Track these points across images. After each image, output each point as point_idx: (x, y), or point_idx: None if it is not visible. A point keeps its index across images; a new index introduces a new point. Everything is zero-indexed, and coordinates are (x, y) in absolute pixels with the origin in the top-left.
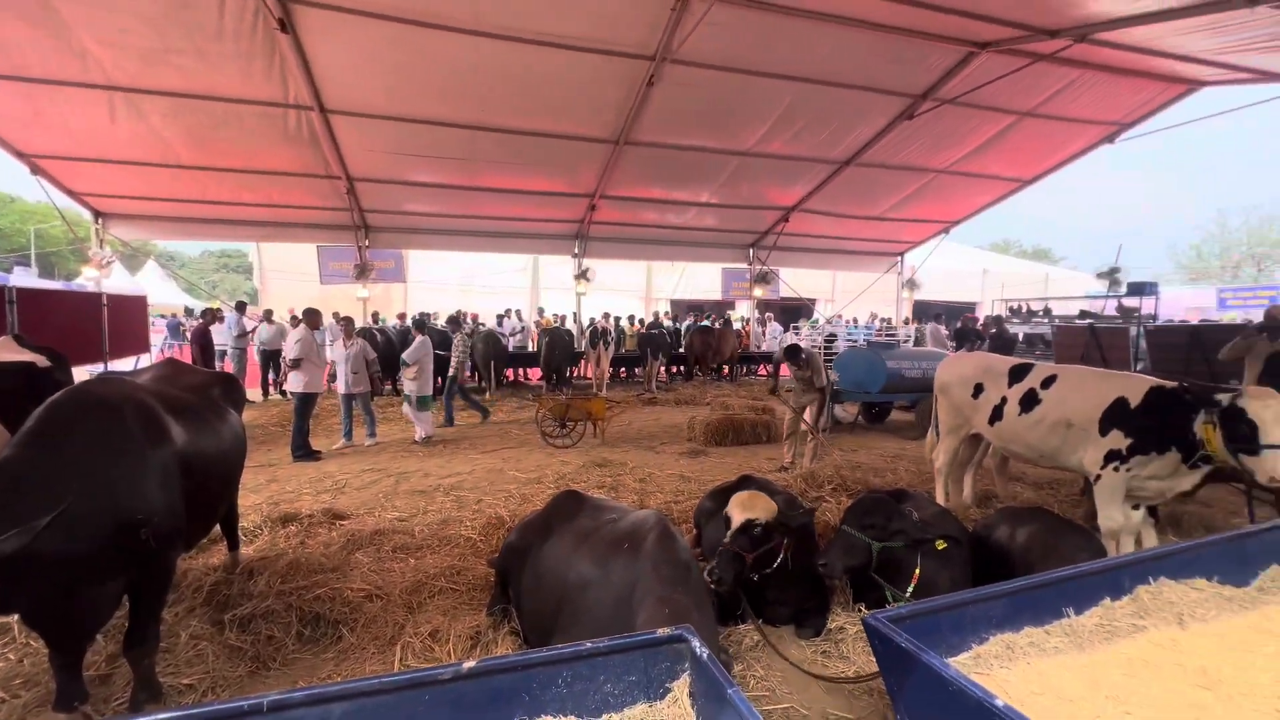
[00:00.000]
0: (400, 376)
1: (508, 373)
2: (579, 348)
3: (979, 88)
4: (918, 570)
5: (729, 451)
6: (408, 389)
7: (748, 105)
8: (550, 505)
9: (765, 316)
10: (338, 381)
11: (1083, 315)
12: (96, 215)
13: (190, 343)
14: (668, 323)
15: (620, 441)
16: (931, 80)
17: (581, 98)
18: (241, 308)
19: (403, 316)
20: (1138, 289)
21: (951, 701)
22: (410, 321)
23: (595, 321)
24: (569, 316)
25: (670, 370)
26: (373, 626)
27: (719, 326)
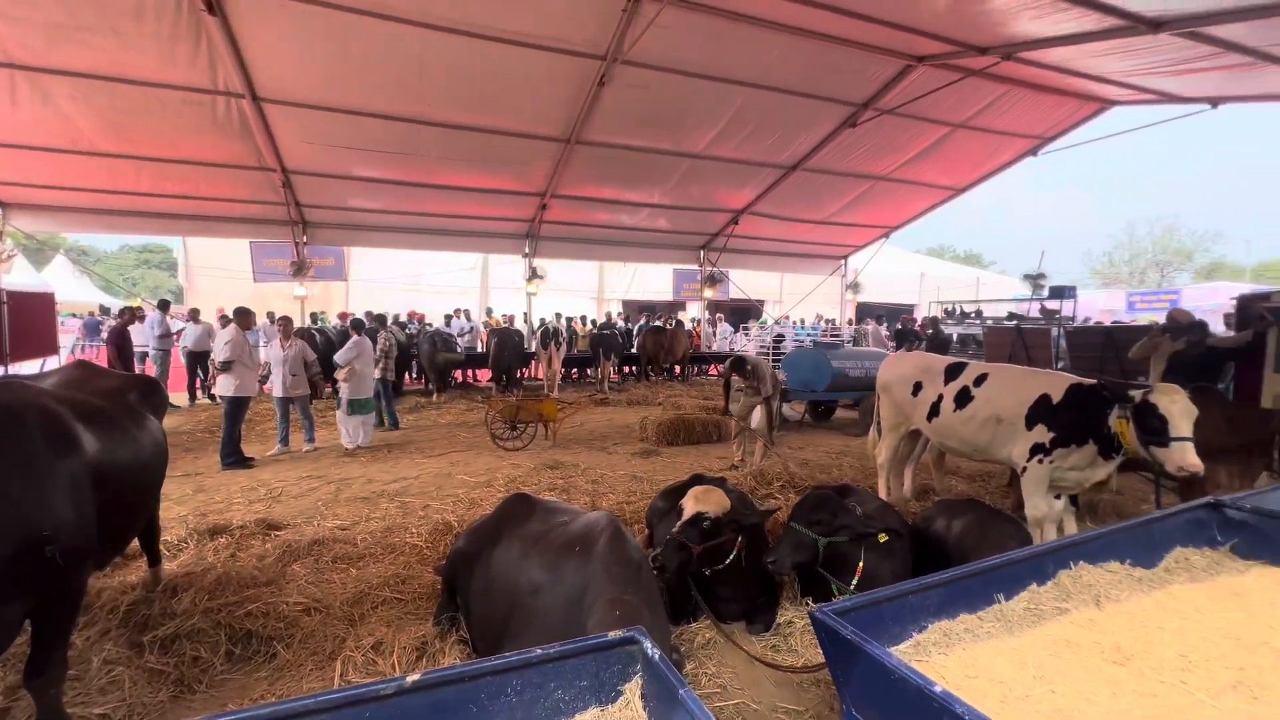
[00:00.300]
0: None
1: (456, 374)
2: (529, 348)
3: (916, 99)
4: (861, 563)
5: (681, 451)
6: (341, 392)
7: (698, 108)
8: (500, 509)
9: (716, 317)
10: (273, 384)
11: (1010, 317)
12: None
13: (106, 344)
14: (620, 323)
15: (572, 443)
16: (872, 90)
17: (531, 95)
18: (165, 306)
19: (344, 316)
20: (1058, 292)
21: (893, 689)
22: (349, 322)
23: (546, 322)
24: (518, 316)
25: (622, 370)
26: (310, 641)
27: (671, 327)
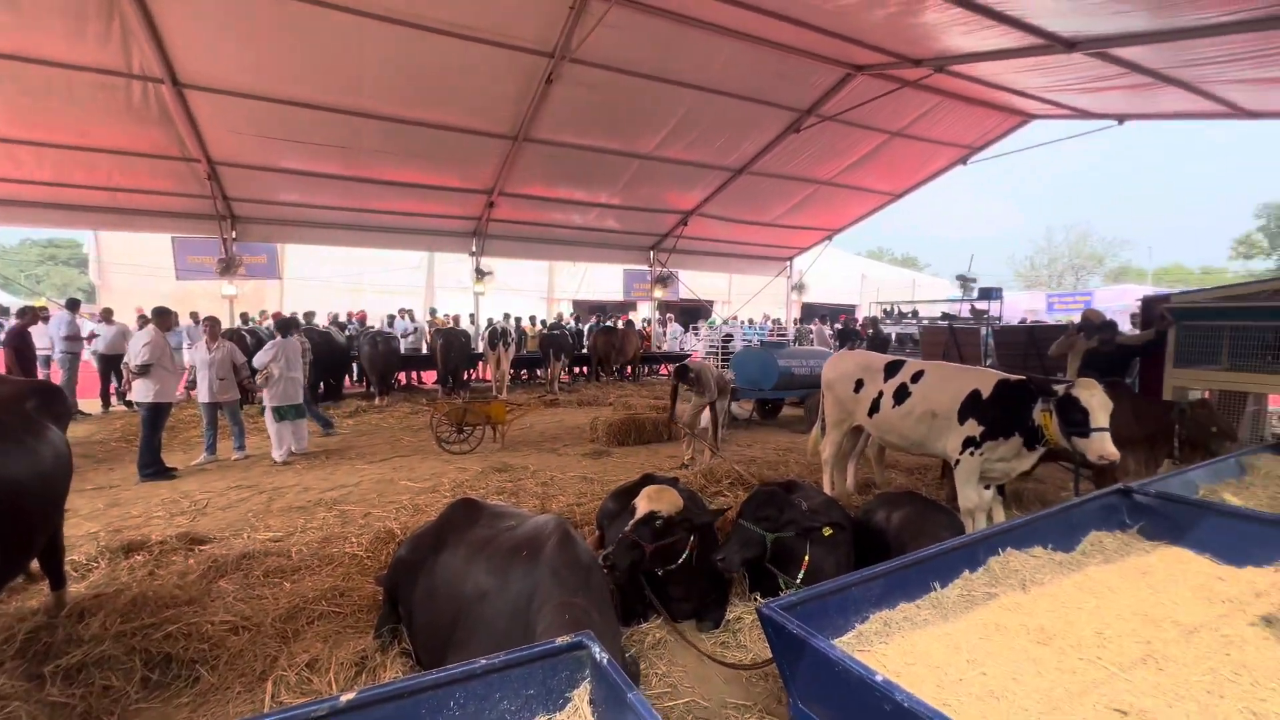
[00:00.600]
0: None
1: (400, 377)
2: (477, 349)
3: (856, 107)
4: (807, 557)
5: (631, 451)
6: (264, 399)
7: (647, 109)
8: (444, 515)
9: (666, 317)
10: (199, 389)
11: (944, 317)
12: None
13: (3, 346)
14: (571, 323)
15: (521, 445)
16: (815, 97)
17: (476, 90)
18: (74, 306)
19: (277, 316)
20: (986, 294)
21: (837, 680)
22: (276, 322)
23: (494, 322)
24: (464, 317)
25: (573, 371)
26: (238, 662)
27: (622, 327)
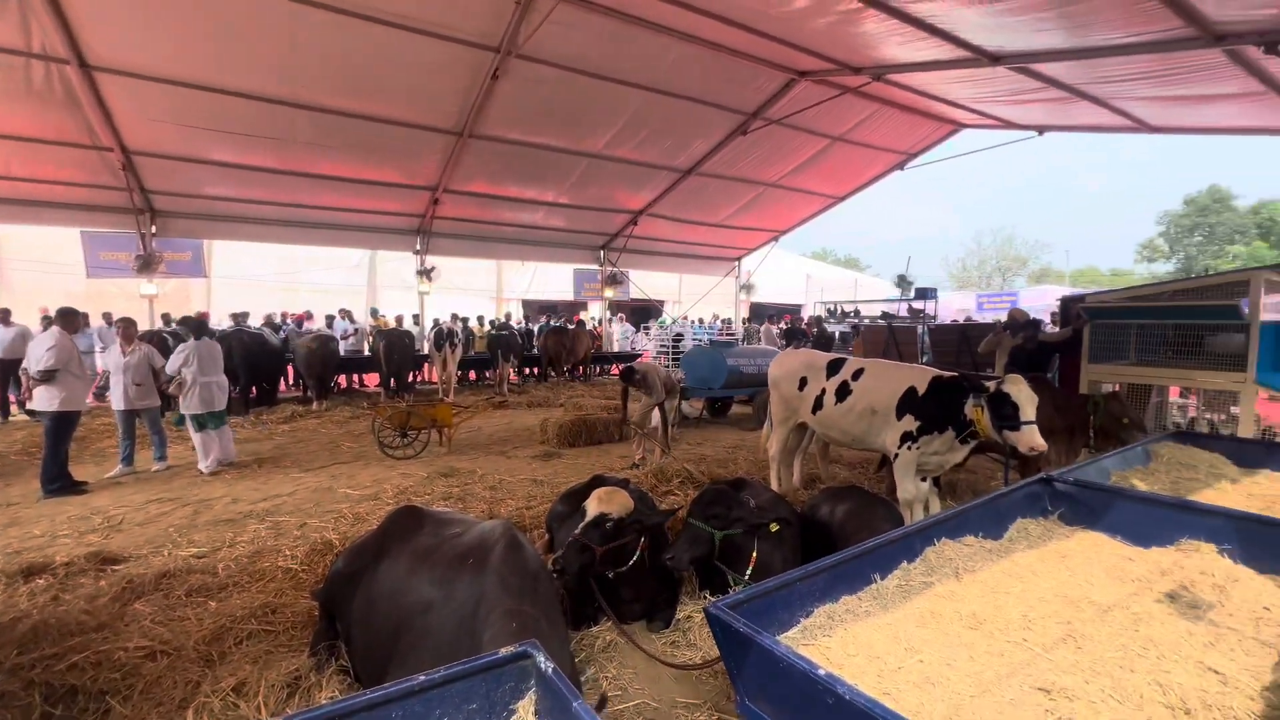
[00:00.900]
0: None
1: (339, 380)
2: (422, 350)
3: (800, 111)
4: (755, 553)
5: (582, 452)
6: (180, 405)
7: (596, 108)
8: (385, 524)
9: (617, 317)
10: (113, 395)
11: (883, 316)
12: None
13: None
14: (520, 324)
15: (469, 448)
16: (761, 100)
17: (419, 83)
18: None
19: (204, 316)
20: (922, 294)
21: (783, 675)
22: (188, 324)
23: (441, 323)
24: (408, 317)
25: (523, 372)
26: (155, 690)
27: (573, 327)
